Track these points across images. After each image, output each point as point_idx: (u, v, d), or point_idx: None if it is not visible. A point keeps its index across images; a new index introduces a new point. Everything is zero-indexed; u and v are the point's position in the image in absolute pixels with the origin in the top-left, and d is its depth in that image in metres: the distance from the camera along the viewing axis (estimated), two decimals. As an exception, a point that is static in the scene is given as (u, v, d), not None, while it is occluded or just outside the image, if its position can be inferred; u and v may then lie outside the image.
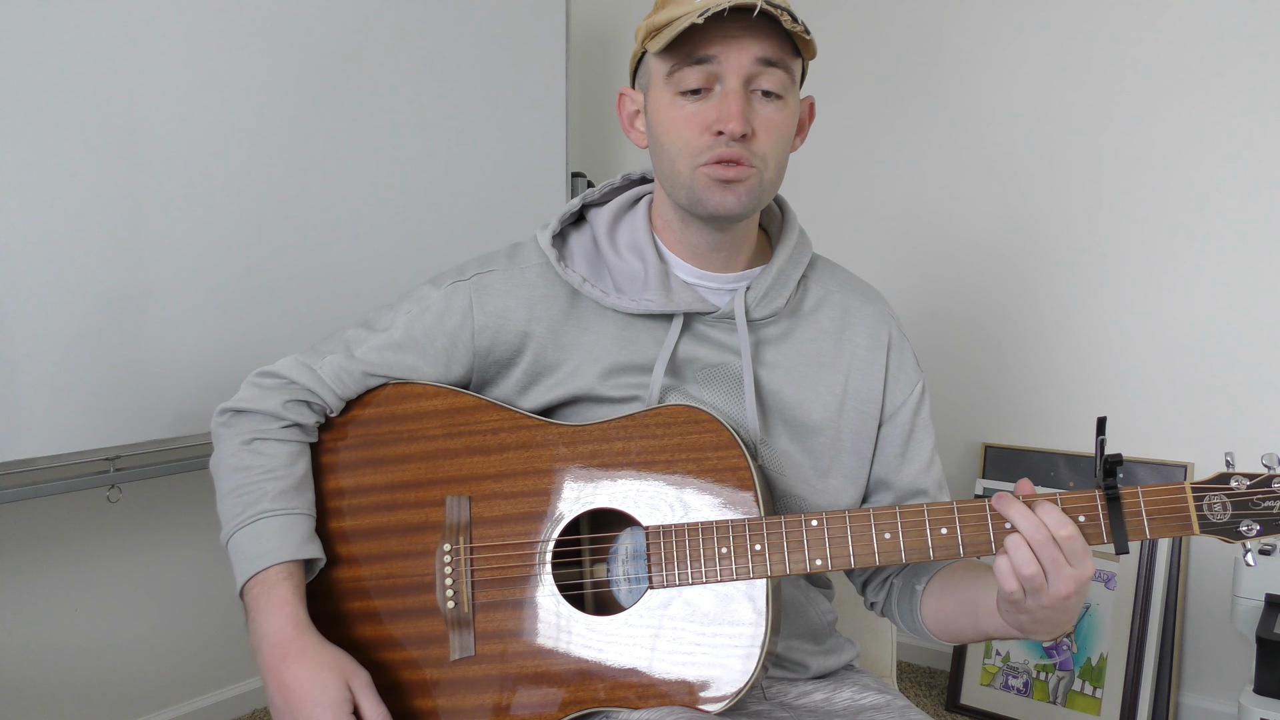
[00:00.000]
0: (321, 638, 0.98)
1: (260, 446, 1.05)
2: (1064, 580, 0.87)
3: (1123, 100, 2.21)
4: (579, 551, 1.04)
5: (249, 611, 1.00)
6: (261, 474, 1.03)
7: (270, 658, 0.97)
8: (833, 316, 1.12)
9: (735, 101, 0.96)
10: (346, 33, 1.98)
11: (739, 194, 0.99)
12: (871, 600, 1.19)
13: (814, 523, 0.94)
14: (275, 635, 0.97)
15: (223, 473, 1.06)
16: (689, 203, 1.02)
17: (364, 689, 0.96)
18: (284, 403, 1.05)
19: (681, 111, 0.99)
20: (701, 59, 0.97)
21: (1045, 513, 0.88)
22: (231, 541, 1.02)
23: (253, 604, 0.99)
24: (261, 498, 1.01)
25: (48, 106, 1.59)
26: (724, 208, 1.00)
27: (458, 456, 1.04)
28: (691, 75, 0.97)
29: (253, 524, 1.01)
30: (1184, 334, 2.16)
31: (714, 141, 0.97)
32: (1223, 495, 0.88)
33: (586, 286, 1.07)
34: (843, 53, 2.62)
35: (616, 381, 1.06)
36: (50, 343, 1.61)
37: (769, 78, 0.98)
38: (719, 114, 0.97)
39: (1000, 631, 0.99)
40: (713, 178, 0.98)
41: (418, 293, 1.11)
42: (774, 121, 0.99)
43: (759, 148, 0.98)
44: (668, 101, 1.00)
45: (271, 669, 0.96)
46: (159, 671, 2.11)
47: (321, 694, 0.93)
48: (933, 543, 0.92)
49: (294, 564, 1.00)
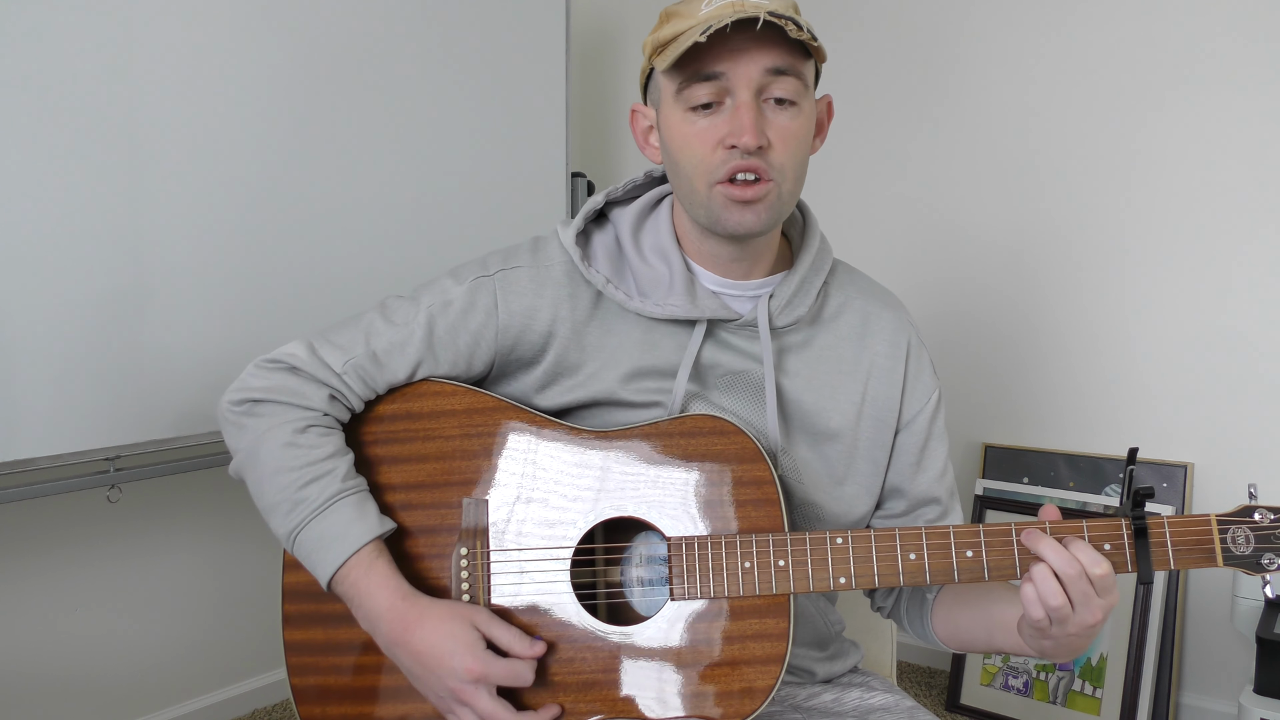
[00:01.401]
0: (429, 597, 0.98)
1: (314, 434, 1.02)
2: (1093, 610, 0.87)
3: (1128, 104, 2.21)
4: (593, 559, 1.03)
5: (350, 598, 0.98)
6: (325, 458, 1.00)
7: (392, 633, 0.96)
8: (853, 323, 1.11)
9: (747, 114, 0.94)
10: (346, 33, 1.97)
11: (758, 212, 0.98)
12: (879, 605, 1.19)
13: (839, 540, 0.94)
14: (389, 612, 0.96)
15: (273, 461, 1.00)
16: (708, 221, 1.00)
17: (488, 622, 0.96)
18: (327, 399, 1.03)
19: (694, 128, 0.97)
20: (709, 75, 0.95)
21: (1079, 550, 0.88)
22: (307, 529, 0.98)
23: (352, 590, 0.98)
24: (332, 481, 0.99)
25: (48, 106, 1.57)
26: (744, 227, 0.98)
27: (475, 458, 1.03)
28: (701, 91, 0.96)
29: (329, 508, 0.98)
30: (1184, 334, 2.16)
31: (728, 156, 0.96)
32: (1246, 529, 0.89)
33: (610, 288, 1.05)
34: (859, 52, 2.61)
35: (638, 386, 1.05)
36: (50, 343, 1.60)
37: (781, 86, 0.96)
38: (731, 128, 0.95)
39: (1017, 649, 0.99)
40: (730, 198, 0.97)
41: (438, 286, 1.08)
42: (789, 129, 0.97)
43: (776, 159, 0.97)
44: (679, 118, 0.98)
45: (399, 644, 0.96)
46: (159, 671, 2.10)
47: (454, 643, 0.94)
48: (958, 565, 0.92)
49: (379, 540, 0.99)
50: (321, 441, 1.01)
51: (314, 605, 1.03)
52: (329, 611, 1.02)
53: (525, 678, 0.94)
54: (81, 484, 1.73)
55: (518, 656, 0.95)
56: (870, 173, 2.60)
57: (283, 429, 1.01)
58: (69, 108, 1.59)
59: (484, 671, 0.93)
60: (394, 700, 1.02)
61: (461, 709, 0.95)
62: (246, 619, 2.23)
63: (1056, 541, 0.89)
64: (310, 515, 0.98)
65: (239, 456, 1.04)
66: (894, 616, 1.18)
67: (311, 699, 1.04)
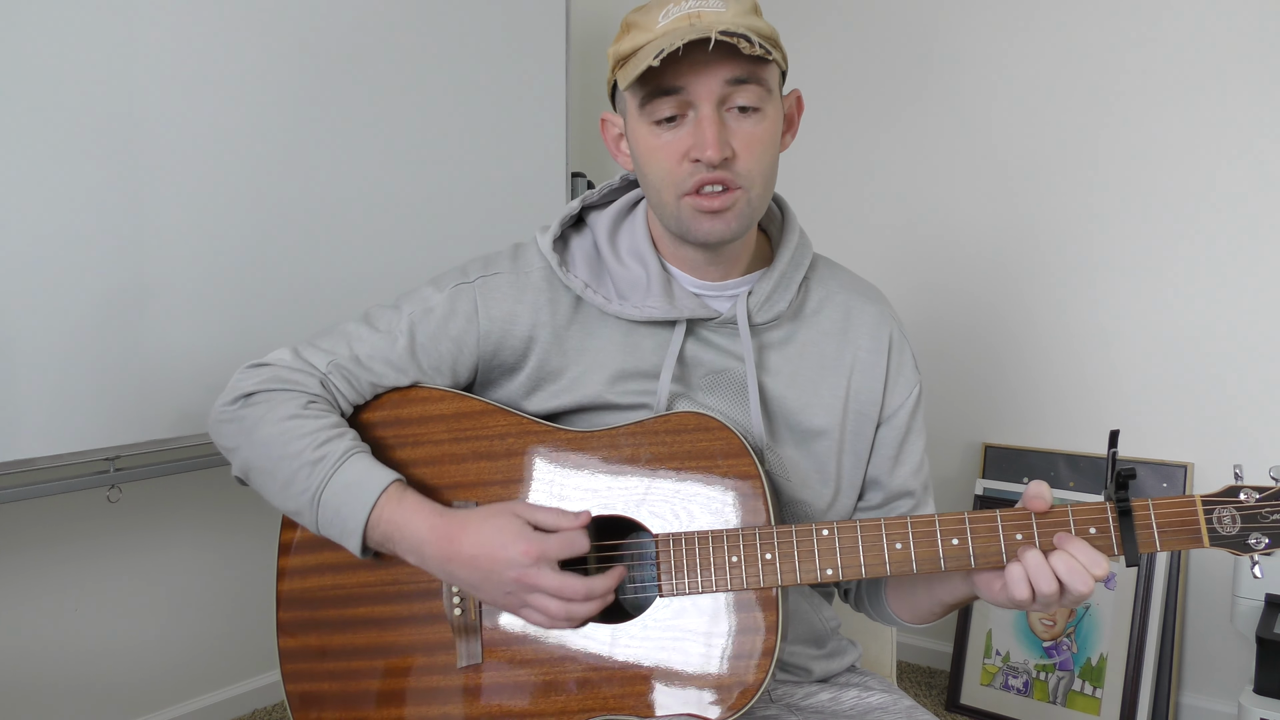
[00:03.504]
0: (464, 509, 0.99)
1: (317, 408, 1.03)
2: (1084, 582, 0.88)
3: (1119, 102, 2.21)
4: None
5: (388, 535, 0.98)
6: (333, 425, 1.02)
7: (441, 550, 0.96)
8: (835, 318, 1.11)
9: (710, 128, 0.94)
10: (346, 32, 1.98)
11: (728, 220, 0.98)
12: (845, 589, 1.20)
13: (825, 532, 0.94)
14: (431, 531, 0.97)
15: (281, 435, 1.01)
16: (679, 231, 1.01)
17: (527, 510, 0.97)
18: (319, 385, 1.05)
19: (659, 140, 0.97)
20: (669, 90, 0.95)
21: (1078, 550, 0.89)
22: (331, 483, 0.98)
23: (389, 525, 0.98)
24: (344, 440, 1.00)
25: (48, 106, 1.58)
26: (714, 235, 0.99)
27: (464, 462, 1.04)
28: (663, 106, 0.96)
29: (349, 459, 0.99)
30: (1183, 334, 2.16)
31: (694, 169, 0.96)
32: (1232, 508, 0.88)
33: (589, 293, 1.06)
34: (838, 55, 2.62)
35: (624, 388, 1.05)
36: (50, 343, 1.60)
37: (743, 94, 0.96)
38: (695, 141, 0.95)
39: (964, 601, 1.02)
40: (699, 209, 0.97)
41: (419, 294, 1.09)
42: (754, 135, 0.97)
43: (742, 167, 0.97)
44: (645, 131, 0.99)
45: (450, 558, 0.96)
46: (159, 671, 2.11)
47: (503, 535, 0.94)
48: (944, 553, 0.91)
49: (398, 482, 1.00)
50: (326, 413, 1.03)
51: (309, 612, 1.04)
52: (323, 618, 1.03)
53: (580, 544, 0.95)
54: (81, 484, 1.74)
55: (566, 529, 0.96)
56: (865, 175, 2.60)
57: (286, 405, 1.02)
58: (69, 108, 1.60)
59: (540, 550, 0.93)
60: (389, 706, 1.02)
61: (531, 595, 0.94)
62: (246, 619, 2.24)
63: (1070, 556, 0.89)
64: (334, 467, 0.98)
65: (241, 450, 1.04)
66: (858, 604, 1.18)
67: (306, 706, 1.05)
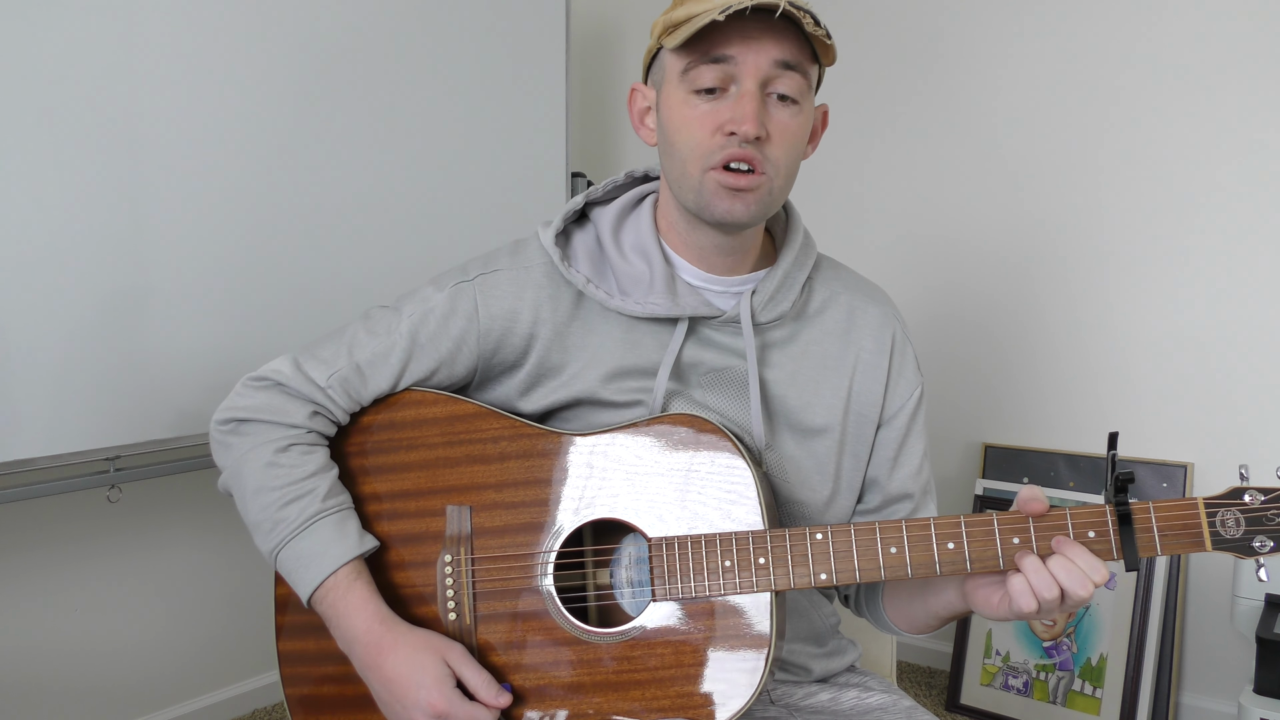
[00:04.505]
0: (408, 624, 0.99)
1: (296, 453, 1.03)
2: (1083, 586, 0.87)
3: (1122, 102, 2.20)
4: (581, 562, 1.03)
5: (328, 618, 0.99)
6: (306, 477, 1.01)
7: (366, 657, 0.97)
8: (838, 318, 1.10)
9: (751, 103, 0.94)
10: (346, 32, 1.97)
11: (748, 202, 0.98)
12: (844, 594, 1.19)
13: (819, 536, 0.93)
14: (365, 635, 0.97)
15: (255, 480, 1.02)
16: (696, 207, 1.00)
17: (460, 660, 0.97)
18: (309, 415, 1.04)
19: (695, 110, 0.97)
20: (719, 58, 0.95)
21: (1077, 555, 0.88)
22: (287, 549, 1.00)
23: (330, 610, 0.99)
24: (312, 501, 1.00)
25: (47, 106, 1.58)
26: (732, 215, 0.98)
27: (458, 465, 1.03)
28: (707, 74, 0.95)
29: (308, 528, 0.99)
30: (1183, 334, 2.15)
31: (726, 142, 0.95)
32: (1236, 510, 0.85)
33: (590, 288, 1.05)
34: (844, 55, 2.61)
35: (619, 385, 1.05)
36: (50, 343, 1.60)
37: (786, 81, 0.96)
38: (733, 114, 0.95)
39: (957, 614, 1.02)
40: (722, 184, 0.97)
41: (420, 294, 1.09)
42: (788, 126, 0.97)
43: (771, 152, 0.97)
44: (681, 99, 0.98)
45: (371, 667, 0.97)
46: (159, 671, 2.11)
47: (423, 675, 0.95)
48: (939, 558, 0.91)
49: (359, 560, 1.00)
50: (303, 460, 1.02)
51: (306, 616, 1.03)
52: (321, 622, 1.02)
53: None
54: (81, 484, 1.74)
55: (483, 703, 0.95)
56: (866, 174, 2.60)
57: (264, 448, 1.02)
58: (69, 108, 1.60)
59: (446, 710, 0.94)
60: None
61: None
62: (246, 619, 2.24)
63: (1069, 561, 0.88)
64: (289, 535, 0.99)
65: (225, 474, 1.06)
66: (856, 609, 1.18)
67: (305, 710, 1.05)
